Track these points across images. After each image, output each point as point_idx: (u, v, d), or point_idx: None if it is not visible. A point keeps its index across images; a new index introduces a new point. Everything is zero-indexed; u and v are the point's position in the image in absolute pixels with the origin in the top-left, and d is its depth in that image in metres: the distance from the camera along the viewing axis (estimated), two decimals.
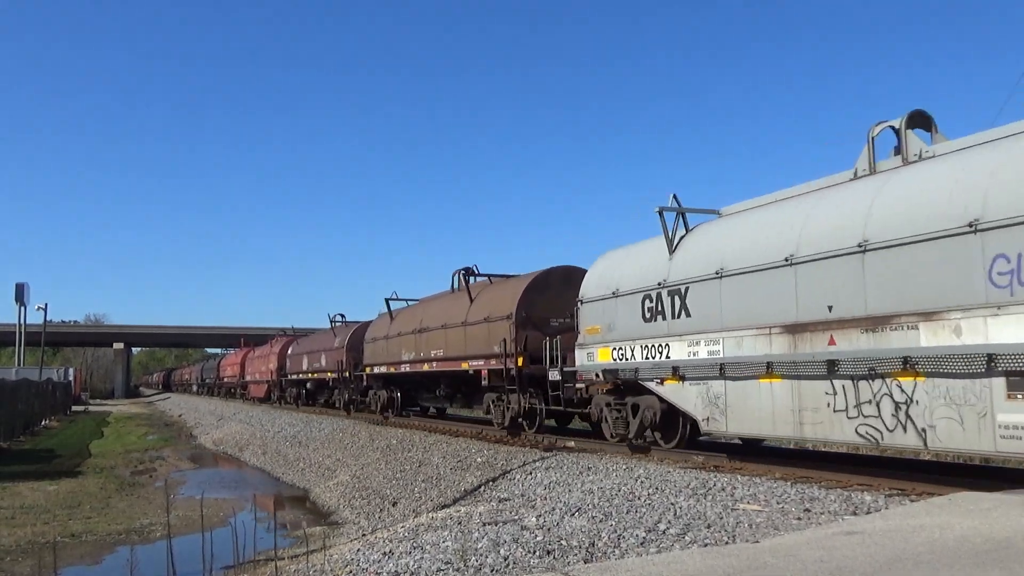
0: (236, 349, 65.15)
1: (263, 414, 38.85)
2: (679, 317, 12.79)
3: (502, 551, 7.69)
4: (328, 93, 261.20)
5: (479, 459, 16.30)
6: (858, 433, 9.60)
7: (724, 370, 11.70)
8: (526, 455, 15.54)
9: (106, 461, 26.04)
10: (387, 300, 28.29)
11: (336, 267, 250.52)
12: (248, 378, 53.46)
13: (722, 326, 11.76)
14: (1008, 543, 5.53)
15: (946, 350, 8.55)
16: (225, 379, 62.73)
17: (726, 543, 7.18)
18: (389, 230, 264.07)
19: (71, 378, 71.04)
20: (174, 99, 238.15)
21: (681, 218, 13.52)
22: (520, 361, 17.99)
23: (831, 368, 9.90)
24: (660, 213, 13.40)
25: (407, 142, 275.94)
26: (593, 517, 8.91)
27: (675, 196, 13.52)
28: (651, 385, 13.45)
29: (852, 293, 9.67)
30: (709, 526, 8.08)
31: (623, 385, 14.53)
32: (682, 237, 13.42)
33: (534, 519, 9.16)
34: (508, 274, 22.15)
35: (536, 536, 8.13)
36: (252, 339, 64.27)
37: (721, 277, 11.85)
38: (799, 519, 8.21)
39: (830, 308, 9.96)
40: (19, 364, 53.35)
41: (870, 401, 9.46)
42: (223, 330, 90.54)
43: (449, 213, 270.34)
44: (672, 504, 9.45)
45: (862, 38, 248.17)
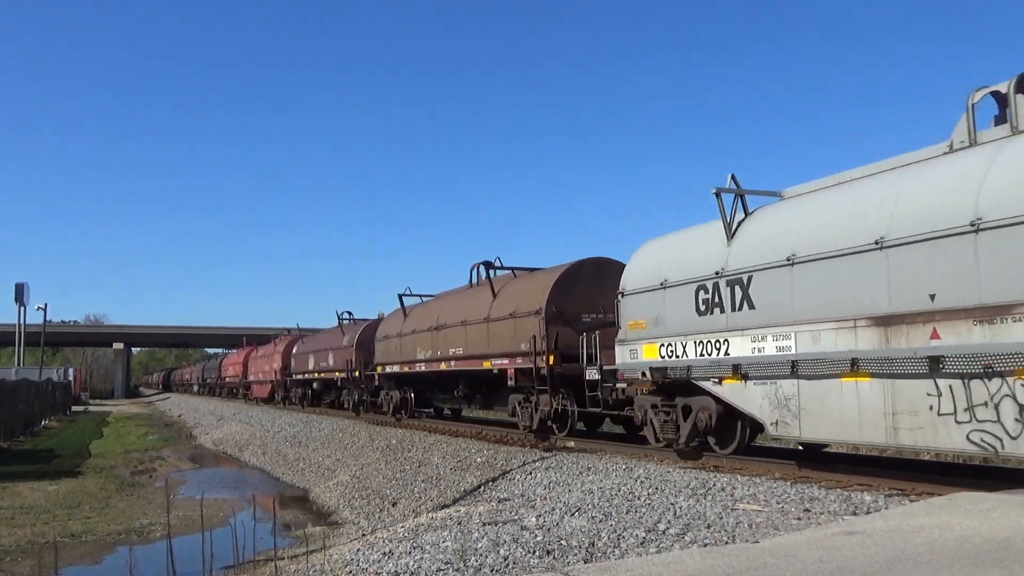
0: (236, 349, 64.61)
1: (263, 414, 38.84)
2: (740, 309, 11.60)
3: (502, 551, 7.69)
4: (328, 93, 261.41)
5: (479, 459, 16.30)
6: (970, 440, 8.39)
7: (797, 368, 10.49)
8: (526, 455, 15.54)
9: (106, 461, 26.05)
10: (400, 296, 26.89)
11: (336, 267, 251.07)
12: (251, 378, 52.46)
13: (794, 319, 10.60)
14: (1008, 543, 5.53)
15: None
16: (227, 379, 61.82)
17: (726, 543, 7.18)
18: (389, 230, 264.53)
19: (71, 378, 71.07)
20: (174, 99, 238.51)
21: (740, 201, 12.24)
22: (551, 359, 16.86)
23: (934, 365, 8.69)
24: (718, 195, 12.11)
25: (407, 142, 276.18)
26: (593, 517, 8.91)
27: (733, 176, 12.23)
28: (706, 385, 12.21)
29: (961, 279, 8.48)
30: (709, 526, 8.09)
31: (671, 385, 13.25)
32: (741, 222, 12.13)
33: (534, 519, 9.16)
34: (532, 267, 20.82)
35: (536, 536, 8.14)
36: (253, 339, 63.60)
37: (793, 264, 10.66)
38: (799, 519, 8.21)
39: (932, 297, 8.79)
40: (19, 364, 53.36)
41: (986, 404, 8.27)
42: (223, 330, 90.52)
43: (449, 213, 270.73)
44: (672, 504, 9.46)
45: (862, 38, 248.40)
